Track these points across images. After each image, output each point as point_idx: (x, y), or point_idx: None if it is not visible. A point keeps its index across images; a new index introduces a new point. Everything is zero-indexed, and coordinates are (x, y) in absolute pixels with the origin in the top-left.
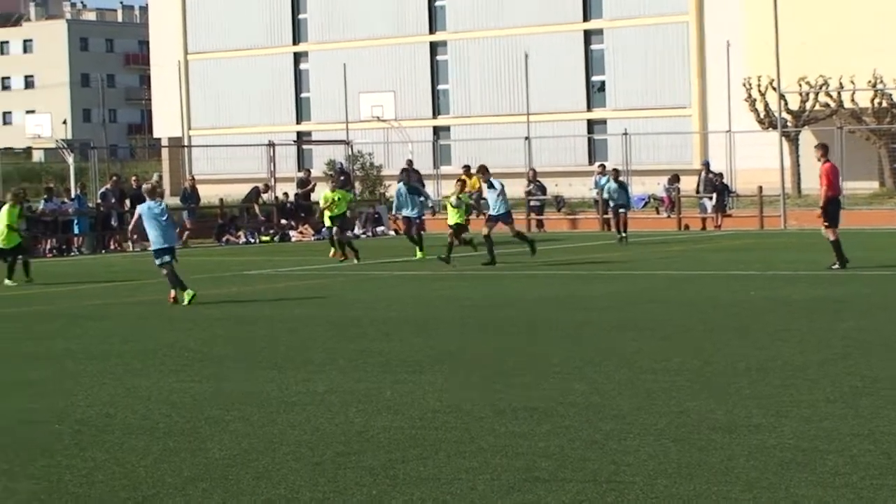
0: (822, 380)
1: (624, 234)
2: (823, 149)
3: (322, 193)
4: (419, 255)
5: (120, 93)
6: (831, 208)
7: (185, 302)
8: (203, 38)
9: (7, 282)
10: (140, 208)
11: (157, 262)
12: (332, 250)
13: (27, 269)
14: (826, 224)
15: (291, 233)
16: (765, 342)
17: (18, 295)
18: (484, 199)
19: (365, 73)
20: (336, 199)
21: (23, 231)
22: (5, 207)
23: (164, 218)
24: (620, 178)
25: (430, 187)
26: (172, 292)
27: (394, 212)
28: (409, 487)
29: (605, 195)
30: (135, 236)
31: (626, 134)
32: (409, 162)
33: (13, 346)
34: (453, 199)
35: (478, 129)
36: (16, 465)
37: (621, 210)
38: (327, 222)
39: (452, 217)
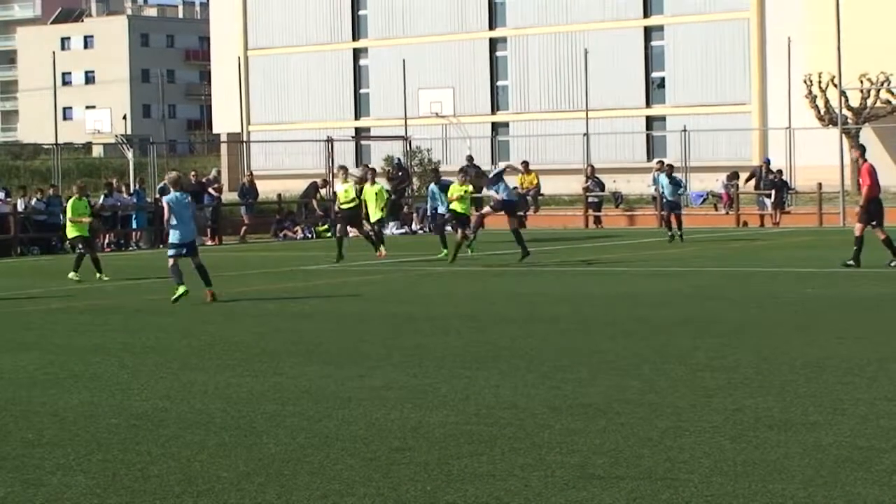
0: (881, 377)
1: (679, 233)
2: (862, 149)
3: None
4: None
5: (180, 88)
6: (874, 207)
7: (175, 296)
8: (263, 34)
9: (71, 274)
10: (167, 199)
11: (171, 252)
12: (381, 247)
13: (97, 266)
14: (873, 224)
15: (349, 228)
16: (822, 340)
17: (79, 289)
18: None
19: (424, 69)
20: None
21: (92, 224)
22: (71, 200)
23: (189, 211)
24: (674, 175)
25: None
26: (209, 290)
27: (429, 211)
28: (464, 483)
29: (662, 191)
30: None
31: (685, 130)
32: (469, 158)
33: (75, 339)
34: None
35: (536, 126)
36: (72, 460)
37: (675, 211)
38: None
39: (458, 207)
